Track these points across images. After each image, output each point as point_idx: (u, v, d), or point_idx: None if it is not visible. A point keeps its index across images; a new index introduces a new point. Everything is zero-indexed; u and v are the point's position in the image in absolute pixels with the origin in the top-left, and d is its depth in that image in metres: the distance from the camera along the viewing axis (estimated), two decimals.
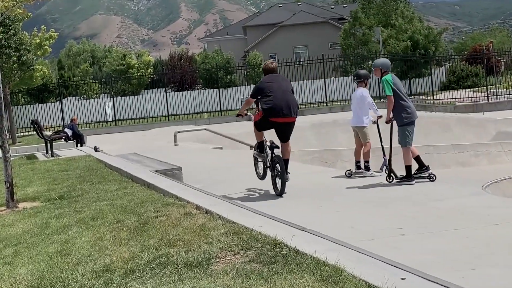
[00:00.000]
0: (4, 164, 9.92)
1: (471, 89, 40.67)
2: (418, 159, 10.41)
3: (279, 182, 9.44)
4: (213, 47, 61.43)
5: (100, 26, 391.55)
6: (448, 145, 19.63)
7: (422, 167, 10.41)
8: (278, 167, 9.47)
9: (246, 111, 10.46)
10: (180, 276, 4.94)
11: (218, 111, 39.21)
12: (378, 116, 11.58)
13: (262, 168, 10.15)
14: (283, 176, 9.29)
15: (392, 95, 10.23)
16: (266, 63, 10.18)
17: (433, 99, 36.40)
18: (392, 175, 10.39)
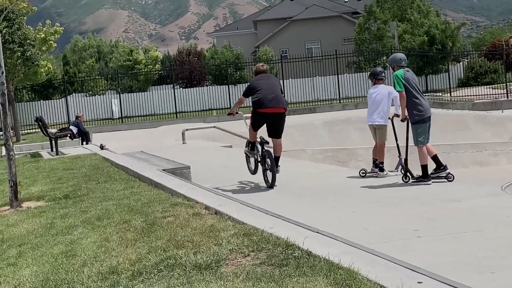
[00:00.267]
0: (8, 162, 9.96)
1: (490, 86, 40.50)
2: (435, 159, 10.36)
3: (269, 175, 10.37)
4: (222, 42, 61.44)
5: (106, 20, 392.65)
6: (466, 144, 19.57)
7: (440, 167, 10.36)
8: (268, 161, 10.38)
9: (237, 110, 11.53)
10: (189, 278, 4.94)
11: (227, 108, 39.22)
12: (396, 114, 11.50)
13: (253, 164, 11.11)
14: (273, 169, 10.24)
15: (404, 91, 10.19)
16: (257, 66, 11.19)
17: (450, 96, 36.26)
18: (408, 175, 10.35)
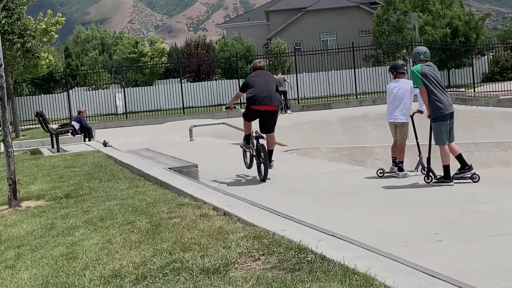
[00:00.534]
0: (7, 159, 10.00)
1: None
2: (460, 158, 10.30)
3: (262, 169, 11.30)
4: (232, 34, 61.47)
5: (110, 10, 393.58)
6: (491, 142, 19.49)
7: (465, 167, 10.30)
8: (262, 154, 11.29)
9: (234, 105, 12.50)
10: (196, 283, 4.95)
11: (238, 104, 39.24)
12: (419, 110, 11.43)
13: (249, 158, 12.03)
14: (266, 163, 11.23)
15: (423, 86, 10.13)
16: (254, 62, 12.18)
17: (474, 91, 36.11)
18: (431, 175, 10.30)
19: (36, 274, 5.99)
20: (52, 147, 19.88)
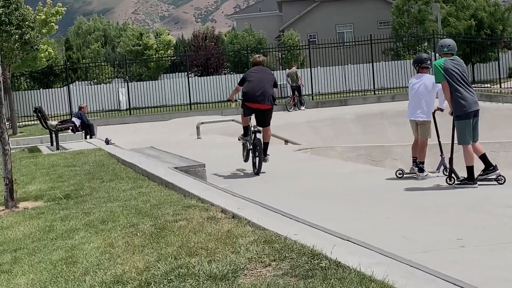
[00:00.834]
0: (3, 157, 10.04)
1: None
2: (484, 158, 10.26)
3: (257, 162, 12.40)
4: (243, 26, 61.44)
5: (114, 0, 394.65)
6: None
7: (489, 167, 10.25)
8: (258, 148, 12.40)
9: (236, 98, 13.54)
10: None
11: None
12: (439, 108, 11.38)
13: (246, 151, 13.03)
14: (260, 156, 12.37)
15: (444, 81, 10.08)
16: (254, 57, 13.28)
17: (500, 87, 35.96)
18: (453, 176, 10.26)
19: (33, 279, 6.00)
20: (52, 144, 19.94)
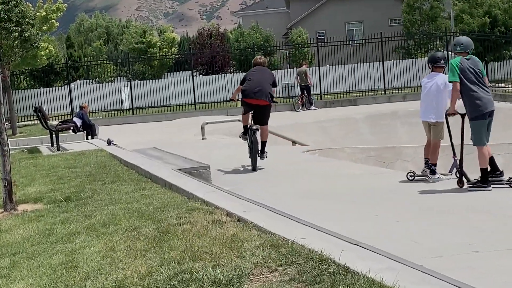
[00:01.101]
0: (2, 158, 10.05)
1: None
2: (491, 161, 10.26)
3: (253, 159, 13.46)
4: (249, 23, 61.43)
5: None
6: None
7: (495, 171, 10.26)
8: (254, 146, 13.44)
9: (238, 97, 14.48)
10: None
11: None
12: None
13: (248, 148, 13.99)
14: (255, 154, 13.46)
15: (457, 81, 10.07)
16: (255, 58, 14.56)
17: None
18: (464, 179, 10.25)
19: (32, 284, 6.01)
20: (52, 145, 19.97)
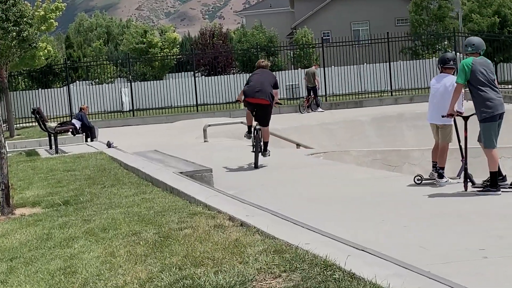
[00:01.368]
0: None
1: None
2: None
3: (256, 157, 14.49)
4: (253, 22, 61.53)
5: None
6: None
7: (499, 176, 10.25)
8: (255, 144, 14.53)
9: (243, 98, 14.86)
10: None
11: None
12: (458, 112, 11.34)
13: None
14: (257, 152, 14.53)
15: (461, 84, 10.11)
16: (258, 61, 15.53)
17: None
18: (468, 182, 10.25)
19: None
20: (50, 148, 19.97)
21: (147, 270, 5.93)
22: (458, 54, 33.14)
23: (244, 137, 15.56)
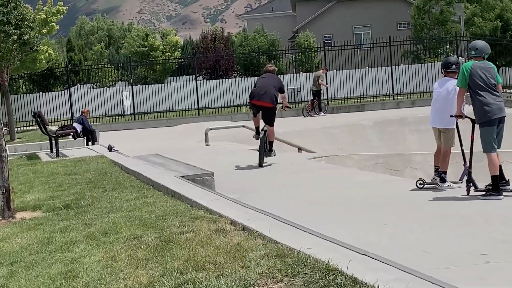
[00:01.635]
0: (0, 165, 10.04)
1: None
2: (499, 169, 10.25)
3: (260, 156, 15.28)
4: (254, 26, 61.59)
5: None
6: None
7: (501, 180, 10.25)
8: (260, 144, 15.40)
9: None
10: None
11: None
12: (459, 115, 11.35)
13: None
14: (261, 152, 15.35)
15: (463, 87, 10.15)
16: (266, 66, 16.67)
17: None
18: (471, 186, 10.24)
19: None
20: (51, 151, 19.98)
21: (149, 274, 5.93)
22: (460, 58, 33.10)
23: (253, 137, 16.35)
